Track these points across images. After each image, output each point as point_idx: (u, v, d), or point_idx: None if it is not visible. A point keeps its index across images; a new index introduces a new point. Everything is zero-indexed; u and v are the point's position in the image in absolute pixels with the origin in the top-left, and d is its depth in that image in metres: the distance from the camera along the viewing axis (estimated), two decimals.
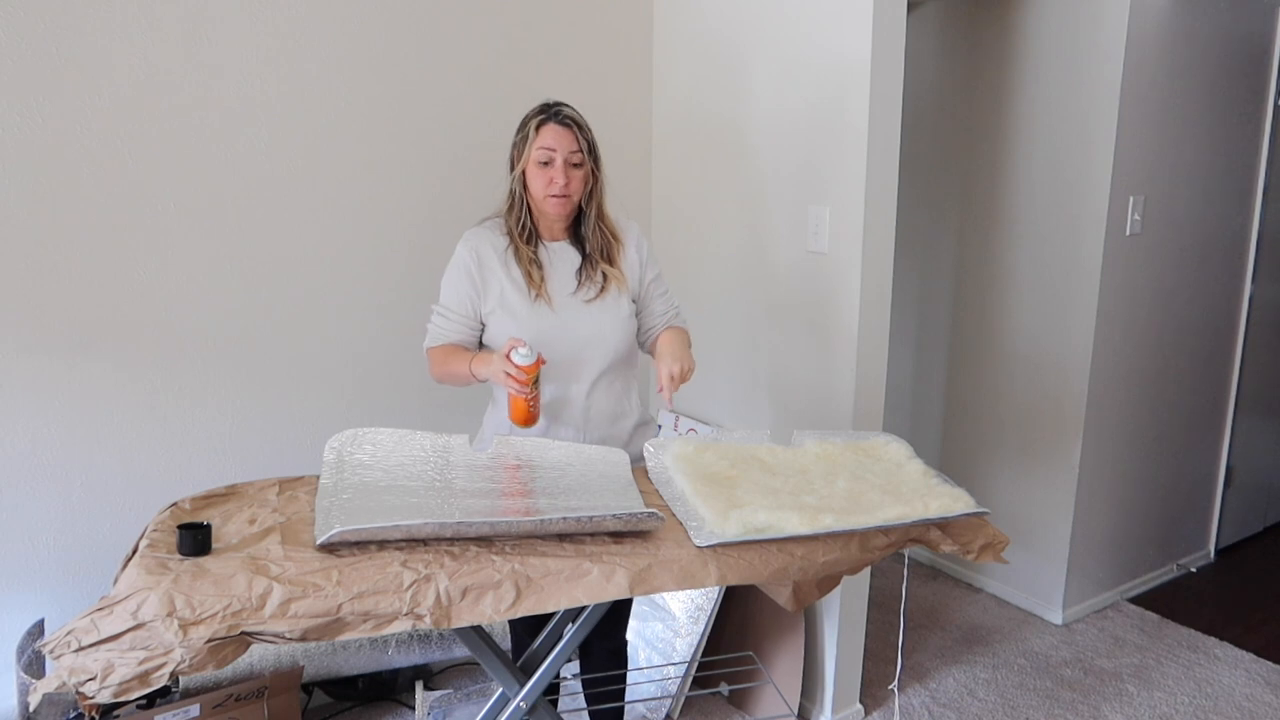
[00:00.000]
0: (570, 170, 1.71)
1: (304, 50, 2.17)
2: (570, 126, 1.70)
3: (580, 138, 1.71)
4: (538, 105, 1.74)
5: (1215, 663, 2.70)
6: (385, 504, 1.38)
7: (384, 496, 1.41)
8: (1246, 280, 3.22)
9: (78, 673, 1.13)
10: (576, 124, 1.71)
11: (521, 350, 1.60)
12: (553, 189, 1.72)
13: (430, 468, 1.53)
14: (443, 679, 2.57)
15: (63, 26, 1.89)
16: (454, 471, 1.53)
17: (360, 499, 1.40)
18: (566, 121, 1.70)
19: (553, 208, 1.74)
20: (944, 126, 3.12)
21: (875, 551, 1.46)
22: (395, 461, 1.53)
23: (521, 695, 1.50)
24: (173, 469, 2.16)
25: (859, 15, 2.02)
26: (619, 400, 1.84)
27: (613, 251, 1.82)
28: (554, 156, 1.70)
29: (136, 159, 2.01)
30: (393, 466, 1.52)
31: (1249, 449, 3.40)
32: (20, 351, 1.95)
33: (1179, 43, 2.73)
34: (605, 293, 1.79)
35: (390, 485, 1.46)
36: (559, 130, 1.70)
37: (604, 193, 1.81)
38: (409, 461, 1.54)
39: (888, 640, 2.80)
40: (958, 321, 3.17)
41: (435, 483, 1.48)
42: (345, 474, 1.48)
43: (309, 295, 2.28)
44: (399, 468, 1.52)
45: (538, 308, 1.75)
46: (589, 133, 1.73)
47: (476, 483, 1.50)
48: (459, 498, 1.43)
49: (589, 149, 1.73)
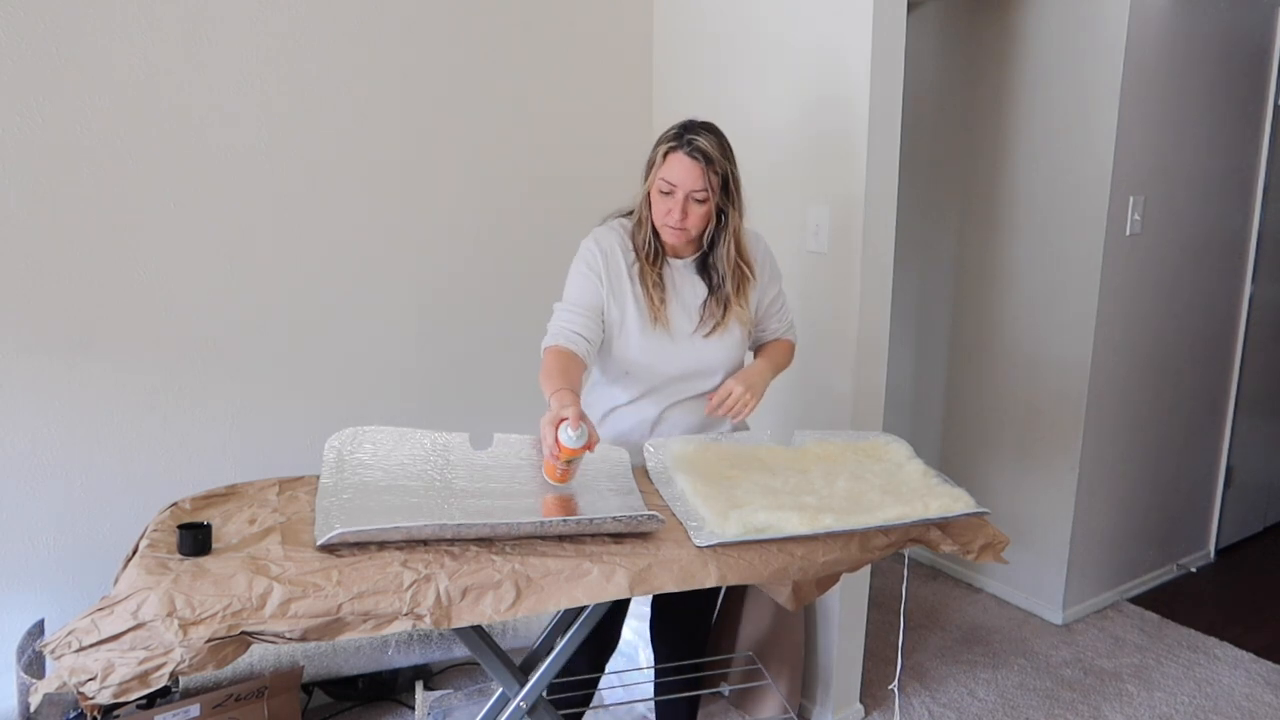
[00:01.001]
0: (691, 205, 1.62)
1: (304, 50, 2.17)
2: (699, 160, 1.59)
3: (710, 173, 1.60)
4: (678, 125, 1.64)
5: (1215, 663, 2.70)
6: (385, 504, 1.38)
7: (384, 496, 1.41)
8: (1246, 280, 3.22)
9: (78, 673, 1.13)
10: (707, 158, 1.59)
11: (572, 434, 1.41)
12: (670, 219, 1.63)
13: (430, 467, 1.53)
14: (443, 679, 2.57)
15: (63, 26, 1.90)
16: (454, 471, 1.53)
17: (360, 499, 1.40)
18: (696, 154, 1.59)
19: (670, 237, 1.67)
20: (944, 126, 3.12)
21: (875, 551, 1.46)
22: (395, 461, 1.53)
23: (521, 695, 1.50)
24: (173, 469, 2.16)
25: (859, 15, 2.02)
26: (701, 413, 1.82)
27: (745, 286, 1.73)
28: (675, 189, 1.61)
29: (136, 159, 2.01)
30: (393, 466, 1.52)
31: (1249, 449, 3.40)
32: (20, 351, 1.95)
33: (1179, 43, 2.73)
34: (725, 327, 1.74)
35: (390, 485, 1.46)
36: (686, 164, 1.60)
37: (738, 225, 1.69)
38: (409, 461, 1.54)
39: (888, 640, 2.80)
40: (958, 321, 3.16)
41: (435, 482, 1.48)
42: (345, 473, 1.48)
43: (309, 295, 2.28)
44: (399, 467, 1.52)
45: (655, 334, 1.70)
46: (722, 165, 1.61)
47: (477, 482, 1.50)
48: (459, 498, 1.43)
49: (722, 185, 1.62)
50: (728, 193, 1.65)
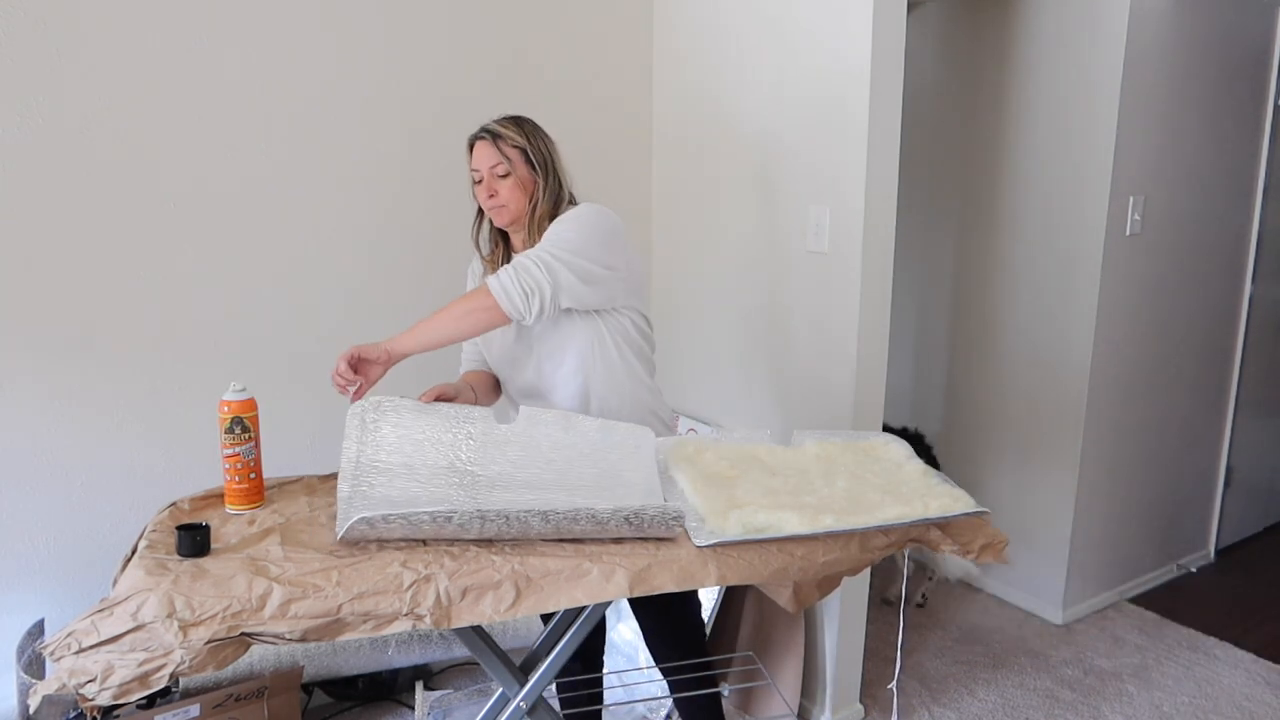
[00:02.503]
0: (496, 181, 1.70)
1: (305, 50, 2.17)
2: (488, 138, 1.71)
3: (503, 146, 1.69)
4: None
5: (1215, 663, 2.70)
6: (409, 493, 1.36)
7: (408, 484, 1.39)
8: (1246, 280, 3.22)
9: (78, 674, 1.12)
10: (495, 134, 1.70)
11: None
12: (487, 202, 1.73)
13: (451, 449, 1.49)
14: (443, 679, 2.57)
15: (62, 26, 1.89)
16: (477, 453, 1.50)
17: (383, 484, 1.38)
18: (484, 135, 1.71)
19: (495, 218, 1.75)
20: (944, 126, 3.12)
21: (875, 551, 1.46)
22: (417, 439, 1.49)
23: (521, 695, 1.50)
24: (172, 469, 2.16)
25: (859, 15, 2.02)
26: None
27: None
28: (480, 172, 1.72)
29: (136, 159, 2.01)
30: (411, 450, 1.48)
31: (1249, 449, 3.40)
32: (20, 351, 1.95)
33: (1179, 43, 2.73)
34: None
35: (412, 467, 1.43)
36: (480, 146, 1.72)
37: (555, 194, 1.73)
38: (429, 442, 1.50)
39: (888, 640, 2.80)
40: (958, 321, 3.16)
41: (455, 464, 1.46)
42: (366, 451, 1.46)
43: (309, 295, 2.28)
44: (418, 448, 1.48)
45: (502, 334, 1.78)
46: (516, 140, 1.70)
47: (496, 464, 1.47)
48: (482, 490, 1.41)
49: (524, 158, 1.71)
50: (533, 166, 1.72)
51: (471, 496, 1.40)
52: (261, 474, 1.46)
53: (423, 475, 1.44)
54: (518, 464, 1.50)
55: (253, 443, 1.44)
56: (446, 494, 1.39)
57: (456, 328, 1.61)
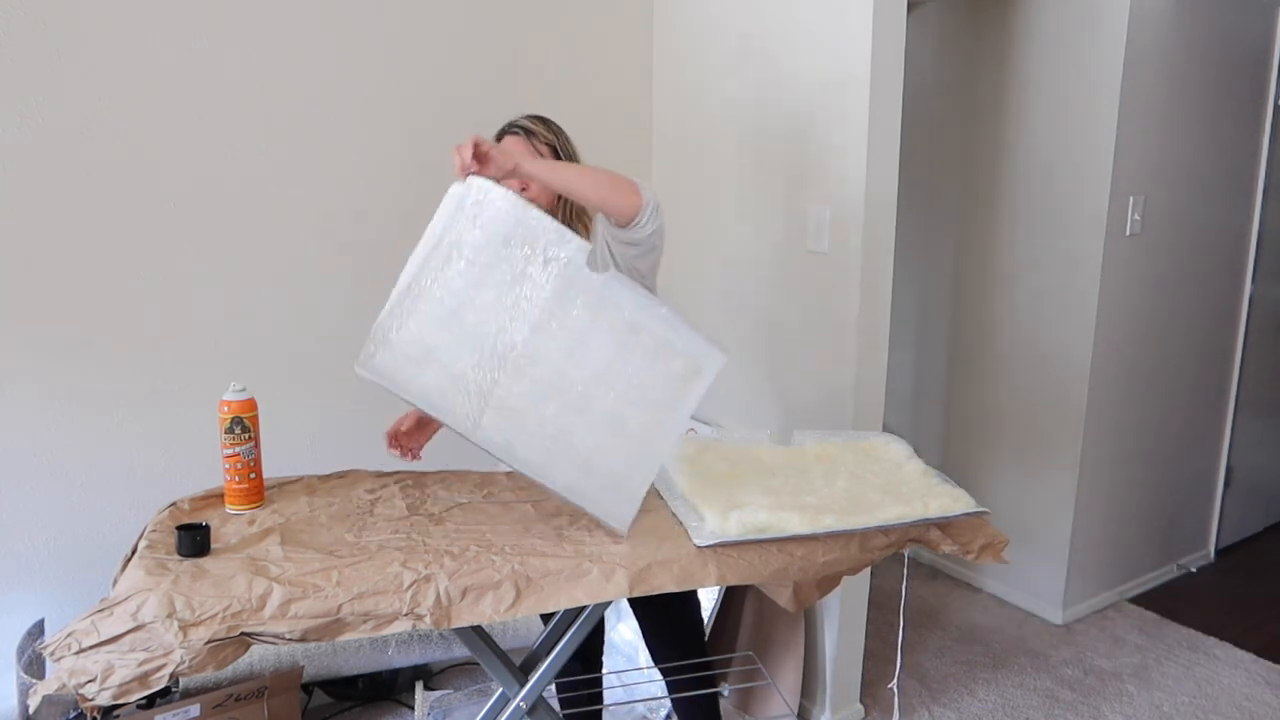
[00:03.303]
0: None
1: (305, 50, 2.17)
2: (519, 134, 1.74)
3: (534, 142, 1.73)
4: None
5: (1215, 663, 2.70)
6: (430, 346, 1.30)
7: (440, 336, 1.31)
8: (1246, 280, 3.22)
9: (78, 675, 1.12)
10: (528, 131, 1.74)
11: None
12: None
13: (511, 312, 1.36)
14: (443, 679, 2.57)
15: (62, 26, 1.89)
16: (531, 333, 1.36)
17: (416, 325, 1.32)
18: (516, 130, 1.75)
19: None
20: (944, 126, 3.12)
21: (875, 551, 1.46)
22: (485, 281, 1.36)
23: (521, 695, 1.50)
24: (172, 469, 2.16)
25: (859, 15, 2.02)
26: None
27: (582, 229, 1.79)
28: None
29: (136, 159, 2.01)
30: (474, 293, 1.35)
31: (1249, 449, 3.40)
32: (20, 351, 1.95)
33: (1179, 43, 2.73)
34: None
35: (460, 315, 1.33)
36: (512, 141, 1.75)
37: None
38: (492, 302, 1.35)
39: (888, 640, 2.80)
40: (958, 321, 3.16)
41: (501, 334, 1.34)
42: (435, 260, 1.36)
43: (309, 295, 2.28)
44: (480, 290, 1.35)
45: None
46: (546, 137, 1.75)
47: (539, 363, 1.35)
48: (507, 378, 1.32)
49: (552, 153, 1.75)
50: (561, 157, 1.77)
51: (483, 396, 1.32)
52: (261, 474, 1.47)
53: (456, 333, 1.34)
54: (558, 368, 1.37)
55: (253, 443, 1.44)
56: (462, 375, 1.31)
57: (585, 183, 1.54)
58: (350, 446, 2.39)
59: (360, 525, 1.38)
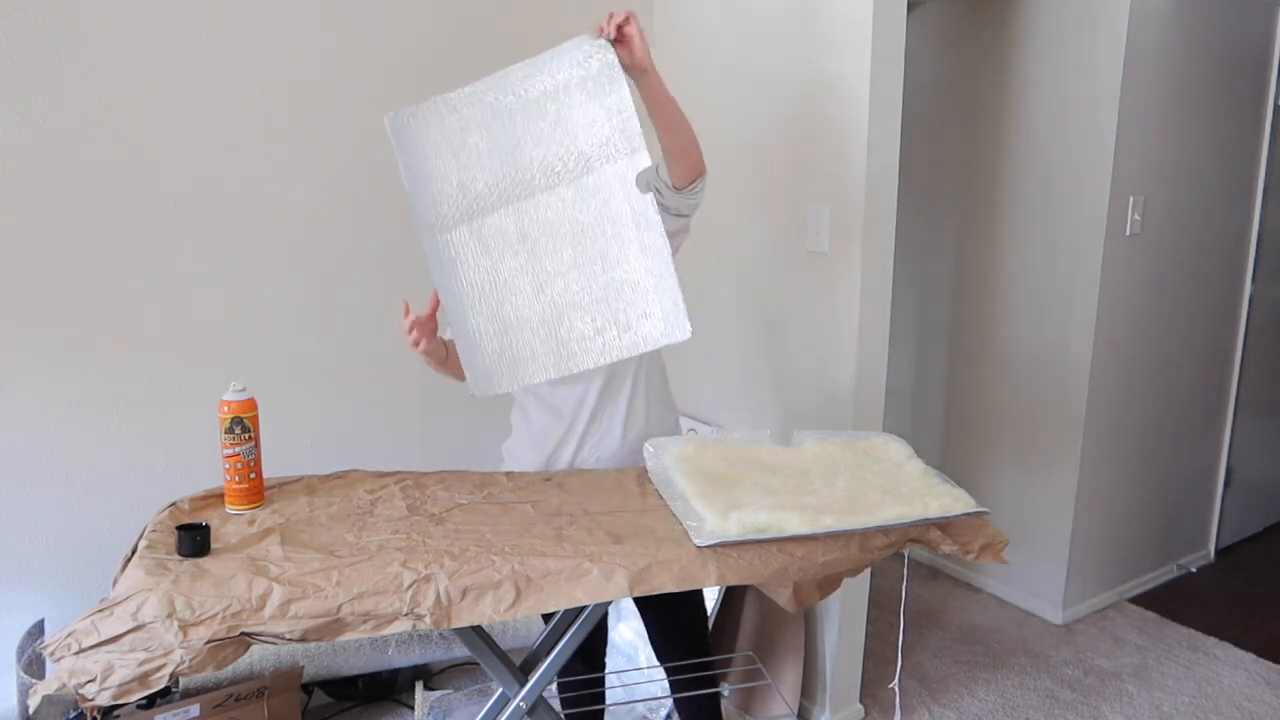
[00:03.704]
0: None
1: (305, 50, 2.17)
2: None
3: None
4: None
5: (1215, 663, 2.70)
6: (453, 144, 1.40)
7: (465, 135, 1.43)
8: (1246, 280, 3.22)
9: (77, 675, 1.12)
10: None
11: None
12: None
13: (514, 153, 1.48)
14: (443, 679, 2.57)
15: (62, 26, 1.89)
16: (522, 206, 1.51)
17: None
18: None
19: None
20: (944, 126, 3.12)
21: (875, 551, 1.45)
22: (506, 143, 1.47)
23: (521, 695, 1.50)
24: (172, 469, 2.16)
25: (859, 15, 2.02)
26: None
27: None
28: None
29: (136, 159, 2.01)
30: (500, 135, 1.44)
31: (1249, 449, 3.40)
32: (20, 351, 1.95)
33: (1179, 43, 2.73)
34: None
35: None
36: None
37: None
38: (538, 155, 1.50)
39: (888, 640, 2.80)
40: (958, 321, 3.16)
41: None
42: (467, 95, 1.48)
43: (309, 295, 2.28)
44: (532, 148, 1.47)
45: None
46: None
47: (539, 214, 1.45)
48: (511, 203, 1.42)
49: None
50: None
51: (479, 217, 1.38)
52: (261, 474, 1.47)
53: (489, 145, 1.44)
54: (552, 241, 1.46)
55: (253, 443, 1.44)
56: (468, 185, 1.38)
57: (685, 121, 1.63)
58: (350, 446, 2.39)
59: (360, 525, 1.38)
